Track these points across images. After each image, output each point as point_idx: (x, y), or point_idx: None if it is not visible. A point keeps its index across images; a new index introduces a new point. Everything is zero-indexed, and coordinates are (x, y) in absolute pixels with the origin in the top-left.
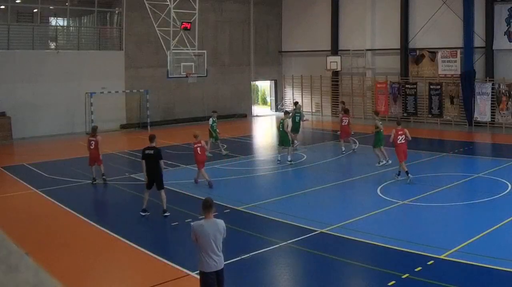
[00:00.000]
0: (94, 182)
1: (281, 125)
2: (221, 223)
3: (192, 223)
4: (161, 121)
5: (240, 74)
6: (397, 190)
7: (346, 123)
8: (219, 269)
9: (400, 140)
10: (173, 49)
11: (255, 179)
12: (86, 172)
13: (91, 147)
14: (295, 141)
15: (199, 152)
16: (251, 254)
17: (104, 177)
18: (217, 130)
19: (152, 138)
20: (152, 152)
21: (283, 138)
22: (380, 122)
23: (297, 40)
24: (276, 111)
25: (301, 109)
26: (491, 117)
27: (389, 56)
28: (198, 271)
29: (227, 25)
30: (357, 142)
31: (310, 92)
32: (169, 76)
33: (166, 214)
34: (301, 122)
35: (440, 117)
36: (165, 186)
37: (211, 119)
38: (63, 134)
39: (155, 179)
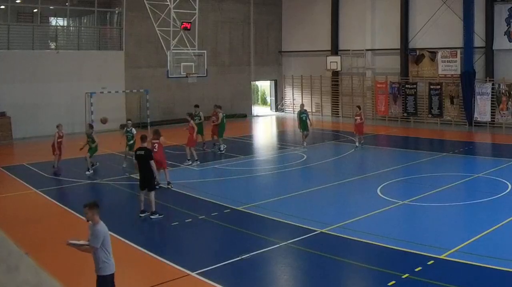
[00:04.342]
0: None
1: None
2: None
3: (98, 227)
4: (161, 121)
5: (240, 74)
6: (397, 190)
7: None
8: None
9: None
10: (173, 49)
11: (255, 179)
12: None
13: (154, 150)
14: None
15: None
16: (251, 254)
17: (170, 184)
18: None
19: (143, 138)
20: (142, 152)
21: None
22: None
23: (297, 40)
24: (276, 111)
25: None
26: (491, 117)
27: (389, 56)
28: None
29: (227, 25)
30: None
31: (310, 92)
32: (169, 76)
33: (153, 216)
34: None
35: (440, 117)
36: (164, 186)
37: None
38: (63, 134)
39: (145, 180)
